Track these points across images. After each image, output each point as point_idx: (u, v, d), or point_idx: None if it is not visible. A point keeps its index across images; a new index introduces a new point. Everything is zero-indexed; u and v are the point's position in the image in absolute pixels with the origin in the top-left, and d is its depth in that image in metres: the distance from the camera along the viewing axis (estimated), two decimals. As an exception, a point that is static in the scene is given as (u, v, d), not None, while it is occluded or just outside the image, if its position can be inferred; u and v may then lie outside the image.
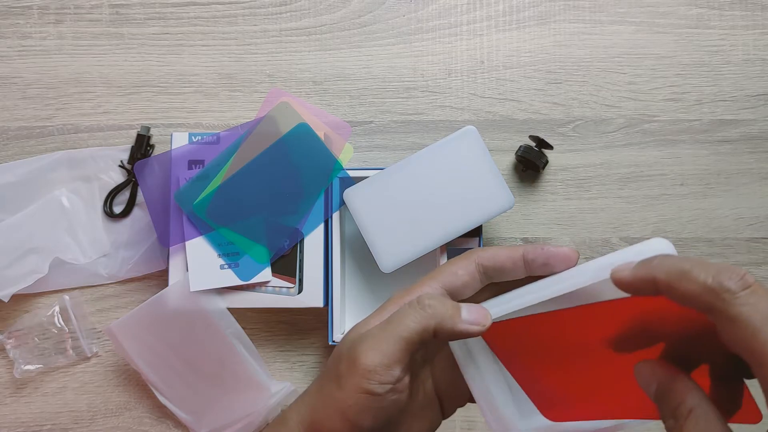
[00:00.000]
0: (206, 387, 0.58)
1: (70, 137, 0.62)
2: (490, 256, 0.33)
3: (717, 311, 0.24)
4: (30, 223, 0.59)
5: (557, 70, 0.62)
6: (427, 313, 0.31)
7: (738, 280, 0.24)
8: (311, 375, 0.61)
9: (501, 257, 0.33)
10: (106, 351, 0.61)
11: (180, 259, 0.56)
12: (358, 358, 0.31)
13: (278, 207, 0.56)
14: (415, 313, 0.31)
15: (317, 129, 0.57)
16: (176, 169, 0.56)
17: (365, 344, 0.31)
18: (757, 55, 0.62)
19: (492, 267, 0.33)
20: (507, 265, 0.33)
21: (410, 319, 0.31)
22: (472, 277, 0.33)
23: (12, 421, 0.60)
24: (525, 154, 0.59)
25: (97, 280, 0.60)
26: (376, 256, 0.53)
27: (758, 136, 0.61)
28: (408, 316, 0.31)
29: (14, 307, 0.60)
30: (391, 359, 0.30)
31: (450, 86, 0.62)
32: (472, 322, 0.31)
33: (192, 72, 0.62)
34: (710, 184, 0.61)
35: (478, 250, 0.34)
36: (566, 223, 0.61)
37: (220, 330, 0.57)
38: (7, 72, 0.62)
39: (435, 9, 0.62)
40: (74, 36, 0.62)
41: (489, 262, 0.33)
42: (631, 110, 0.61)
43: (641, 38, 0.62)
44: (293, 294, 0.56)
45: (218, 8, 0.62)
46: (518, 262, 0.33)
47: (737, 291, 0.23)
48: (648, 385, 0.27)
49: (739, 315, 0.23)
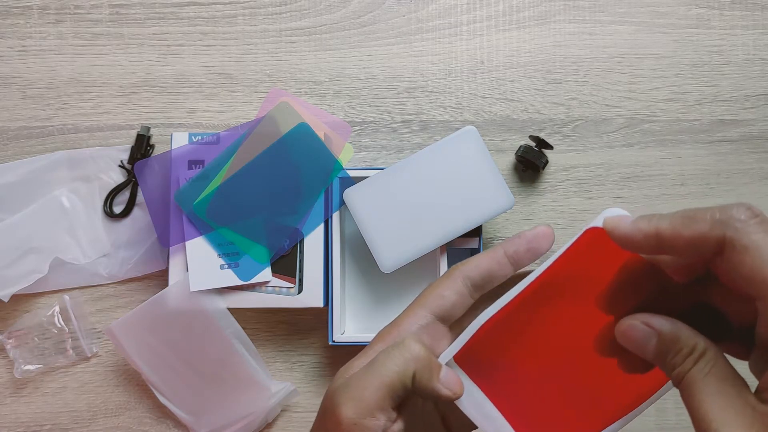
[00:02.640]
0: (206, 387, 0.58)
1: (70, 137, 0.62)
2: (473, 266, 0.32)
3: (729, 244, 0.23)
4: (30, 223, 0.59)
5: (557, 70, 0.62)
6: (408, 357, 0.29)
7: (746, 210, 0.23)
8: (311, 375, 0.61)
9: (484, 263, 0.32)
10: (106, 351, 0.61)
11: (180, 259, 0.56)
12: (339, 411, 0.29)
13: (278, 207, 0.56)
14: (398, 357, 0.29)
15: (317, 129, 0.57)
16: (176, 169, 0.56)
17: (346, 394, 0.29)
18: (757, 55, 0.62)
19: (479, 276, 0.32)
20: (493, 268, 0.32)
21: (393, 362, 0.29)
22: (460, 296, 0.32)
23: (12, 421, 0.60)
24: (525, 154, 0.59)
25: (97, 280, 0.60)
26: (376, 256, 0.53)
27: (758, 136, 0.61)
28: (391, 359, 0.29)
29: (14, 307, 0.60)
30: (374, 407, 0.29)
31: (450, 86, 0.62)
32: (447, 385, 0.30)
33: (192, 72, 0.62)
34: (710, 184, 0.61)
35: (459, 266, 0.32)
36: (566, 223, 0.61)
37: (220, 330, 0.57)
38: (7, 72, 0.62)
39: (435, 9, 0.62)
40: (74, 36, 0.62)
41: (474, 272, 0.32)
42: (631, 110, 0.61)
43: (641, 38, 0.62)
44: (293, 294, 0.56)
45: (218, 8, 0.62)
46: (503, 261, 0.32)
47: (748, 219, 0.23)
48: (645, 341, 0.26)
49: (752, 243, 0.22)
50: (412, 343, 0.30)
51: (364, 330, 0.59)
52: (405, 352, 0.30)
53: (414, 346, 0.30)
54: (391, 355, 0.30)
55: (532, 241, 0.31)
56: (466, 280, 0.32)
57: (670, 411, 0.59)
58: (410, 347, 0.30)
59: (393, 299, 0.60)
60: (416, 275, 0.59)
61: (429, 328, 0.32)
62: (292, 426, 0.60)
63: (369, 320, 0.59)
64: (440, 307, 0.32)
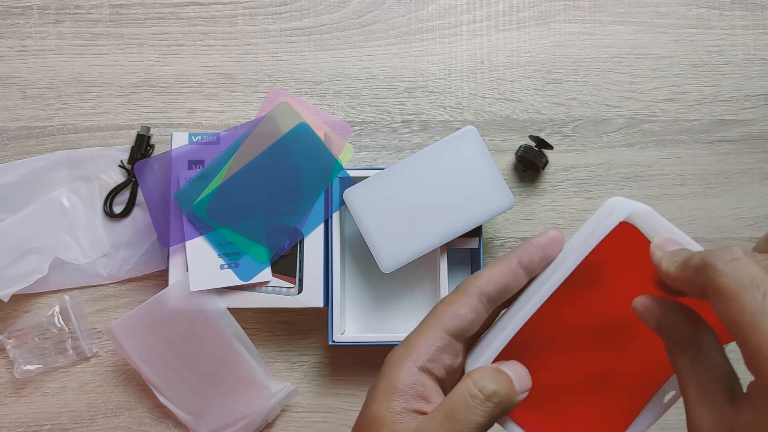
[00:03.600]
0: (206, 387, 0.58)
1: (70, 137, 0.62)
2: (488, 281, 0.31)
3: (706, 291, 0.24)
4: (30, 223, 0.59)
5: (557, 70, 0.62)
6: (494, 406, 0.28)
7: (724, 256, 0.24)
8: (311, 375, 0.61)
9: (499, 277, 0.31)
10: (106, 351, 0.61)
11: (180, 259, 0.56)
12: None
13: (278, 207, 0.56)
14: (482, 409, 0.28)
15: (317, 129, 0.57)
16: (176, 169, 0.56)
17: None
18: (757, 55, 0.62)
19: (495, 291, 0.30)
20: (509, 281, 0.31)
21: (478, 415, 0.28)
22: (477, 313, 0.30)
23: (12, 421, 0.60)
24: (525, 154, 0.59)
25: (97, 280, 0.60)
26: (376, 256, 0.53)
27: (758, 136, 0.61)
28: (474, 413, 0.28)
29: (14, 307, 0.60)
30: None
31: (450, 86, 0.62)
32: (522, 390, 0.29)
33: (192, 72, 0.62)
34: (710, 184, 0.61)
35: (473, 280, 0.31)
36: (566, 223, 0.61)
37: (220, 330, 0.57)
38: (7, 72, 0.62)
39: (435, 9, 0.62)
40: (74, 36, 0.62)
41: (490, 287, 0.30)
42: (631, 110, 0.61)
43: (641, 38, 0.62)
44: (293, 294, 0.56)
45: (218, 8, 0.62)
46: (518, 271, 0.31)
47: (720, 266, 0.24)
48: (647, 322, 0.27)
49: (719, 287, 0.23)
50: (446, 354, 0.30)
51: (364, 330, 0.59)
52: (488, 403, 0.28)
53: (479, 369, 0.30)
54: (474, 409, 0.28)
55: (545, 248, 0.31)
56: (482, 296, 0.31)
57: (670, 411, 0.59)
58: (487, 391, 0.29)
59: (393, 299, 0.60)
60: (416, 275, 0.59)
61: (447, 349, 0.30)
62: (292, 426, 0.60)
63: (369, 320, 0.59)
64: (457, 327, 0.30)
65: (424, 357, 0.30)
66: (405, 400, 0.29)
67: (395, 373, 0.30)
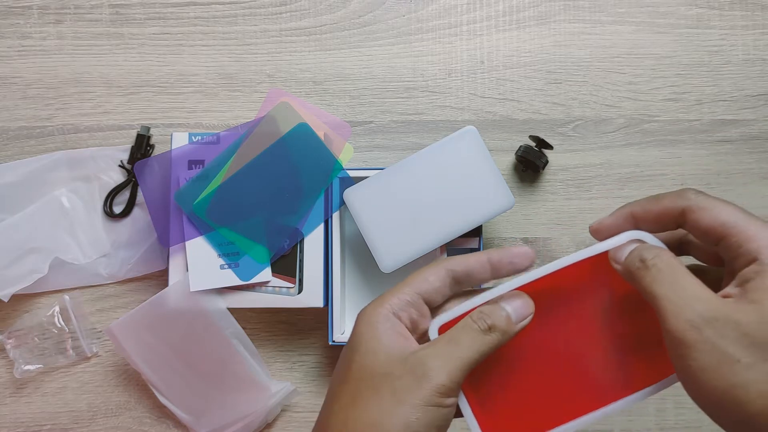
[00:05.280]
0: (206, 387, 0.58)
1: (70, 137, 0.62)
2: (458, 262, 0.35)
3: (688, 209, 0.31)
4: (30, 223, 0.59)
5: (557, 70, 0.62)
6: (495, 337, 0.32)
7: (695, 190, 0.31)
8: (311, 375, 0.61)
9: (468, 261, 0.35)
10: (106, 351, 0.61)
11: (180, 259, 0.56)
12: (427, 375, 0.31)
13: (278, 207, 0.56)
14: (484, 337, 0.32)
15: (317, 129, 0.57)
16: (176, 169, 0.56)
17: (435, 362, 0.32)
18: (757, 55, 0.62)
19: (461, 271, 0.34)
20: (475, 269, 0.34)
21: (479, 342, 0.32)
22: (443, 283, 0.34)
23: (12, 421, 0.60)
24: (525, 154, 0.59)
25: (97, 280, 0.60)
26: (376, 256, 0.53)
27: (758, 136, 0.61)
28: (476, 340, 0.32)
29: (14, 307, 0.60)
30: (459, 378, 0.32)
31: (450, 86, 0.62)
32: (520, 318, 0.33)
33: (192, 72, 0.62)
34: (710, 184, 0.61)
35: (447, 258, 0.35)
36: (566, 223, 0.61)
37: (220, 330, 0.57)
38: (7, 72, 0.62)
39: (435, 9, 0.62)
40: (74, 36, 0.62)
41: (458, 267, 0.34)
42: (631, 110, 0.61)
43: (641, 38, 0.62)
44: (293, 294, 0.56)
45: (218, 8, 0.62)
46: (485, 265, 0.34)
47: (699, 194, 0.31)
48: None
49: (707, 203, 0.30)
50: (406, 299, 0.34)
51: (364, 330, 0.59)
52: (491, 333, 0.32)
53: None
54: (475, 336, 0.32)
55: (514, 256, 0.34)
56: (450, 271, 0.34)
57: (670, 411, 0.59)
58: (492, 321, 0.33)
59: (393, 299, 0.59)
60: (416, 275, 0.59)
61: (415, 305, 0.34)
62: (292, 426, 0.60)
63: (369, 320, 0.59)
64: (424, 289, 0.34)
65: (396, 306, 0.33)
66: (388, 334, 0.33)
67: (372, 319, 0.33)
